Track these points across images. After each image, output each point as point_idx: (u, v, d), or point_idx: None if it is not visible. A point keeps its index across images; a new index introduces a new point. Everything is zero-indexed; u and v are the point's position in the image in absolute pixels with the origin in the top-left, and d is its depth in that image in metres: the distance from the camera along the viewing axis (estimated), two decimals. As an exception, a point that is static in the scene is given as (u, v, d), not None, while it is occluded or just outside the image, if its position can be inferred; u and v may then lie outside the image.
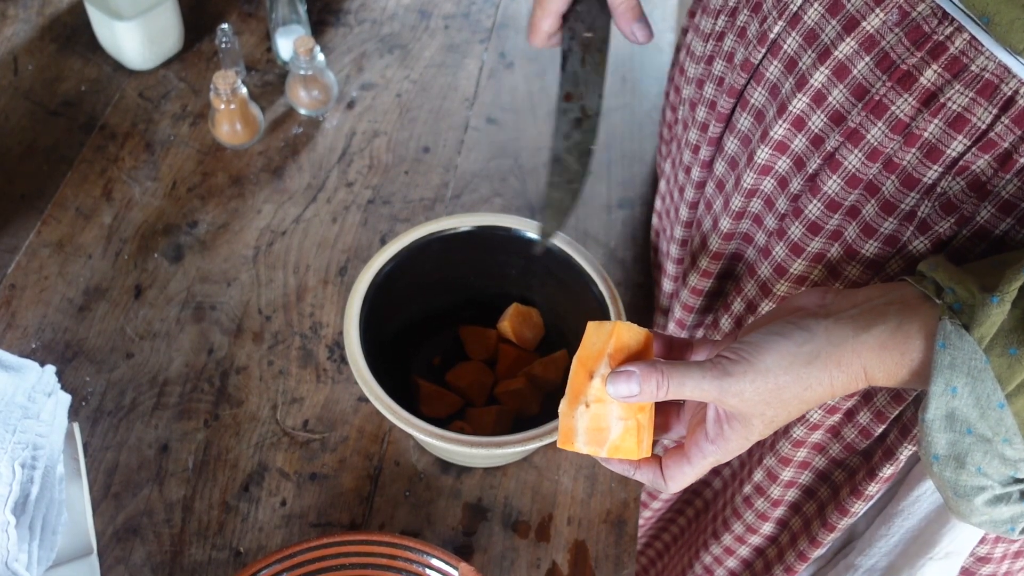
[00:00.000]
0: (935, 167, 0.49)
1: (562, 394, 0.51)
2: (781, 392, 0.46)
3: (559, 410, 0.51)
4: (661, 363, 0.48)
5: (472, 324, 0.76)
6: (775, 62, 0.56)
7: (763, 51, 0.57)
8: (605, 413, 0.49)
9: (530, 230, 0.71)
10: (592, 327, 0.51)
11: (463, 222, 0.71)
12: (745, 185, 0.61)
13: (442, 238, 0.71)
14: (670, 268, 0.75)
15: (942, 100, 0.47)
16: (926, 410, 0.44)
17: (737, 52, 0.60)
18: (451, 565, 0.60)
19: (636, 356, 0.50)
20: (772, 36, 0.56)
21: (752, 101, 0.59)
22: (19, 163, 0.87)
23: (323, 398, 0.74)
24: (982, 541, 0.63)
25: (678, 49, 0.74)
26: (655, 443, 0.52)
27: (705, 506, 0.81)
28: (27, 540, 0.58)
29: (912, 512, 0.64)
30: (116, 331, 0.76)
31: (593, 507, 0.69)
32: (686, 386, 0.47)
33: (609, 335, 0.49)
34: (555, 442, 0.70)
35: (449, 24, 1.03)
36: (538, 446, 0.62)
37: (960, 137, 0.47)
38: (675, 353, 0.54)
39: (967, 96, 0.46)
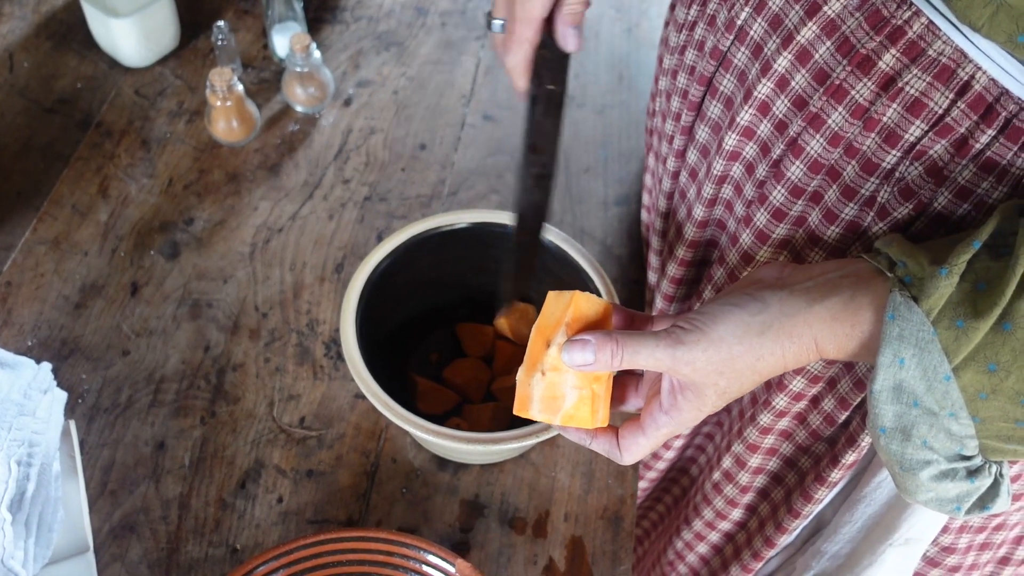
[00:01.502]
0: (893, 152, 0.49)
1: None
2: (734, 362, 0.46)
3: (517, 378, 0.51)
4: (617, 333, 0.48)
5: (469, 321, 0.76)
6: (742, 48, 0.57)
7: (731, 38, 0.57)
8: (560, 382, 0.49)
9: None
10: (552, 296, 0.51)
11: (460, 219, 0.71)
12: (716, 172, 0.61)
13: (439, 235, 0.71)
14: (653, 259, 0.75)
15: (900, 84, 0.48)
16: (874, 381, 0.45)
17: (707, 40, 0.61)
18: (448, 562, 0.60)
19: (594, 326, 0.50)
20: (739, 22, 0.56)
21: (721, 88, 0.60)
22: (15, 160, 0.87)
23: (320, 395, 0.74)
24: (945, 530, 0.64)
25: (661, 43, 0.74)
26: (613, 415, 0.52)
27: (682, 492, 0.83)
28: (23, 537, 0.58)
29: (874, 498, 0.65)
30: (112, 328, 0.76)
31: (590, 503, 0.69)
32: (640, 355, 0.47)
33: (567, 305, 0.49)
34: (552, 439, 0.70)
35: (446, 21, 1.03)
36: (535, 442, 0.62)
37: (918, 122, 0.48)
38: (636, 326, 0.53)
39: (924, 80, 0.47)
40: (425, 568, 0.61)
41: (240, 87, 0.85)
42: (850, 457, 0.61)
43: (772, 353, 0.46)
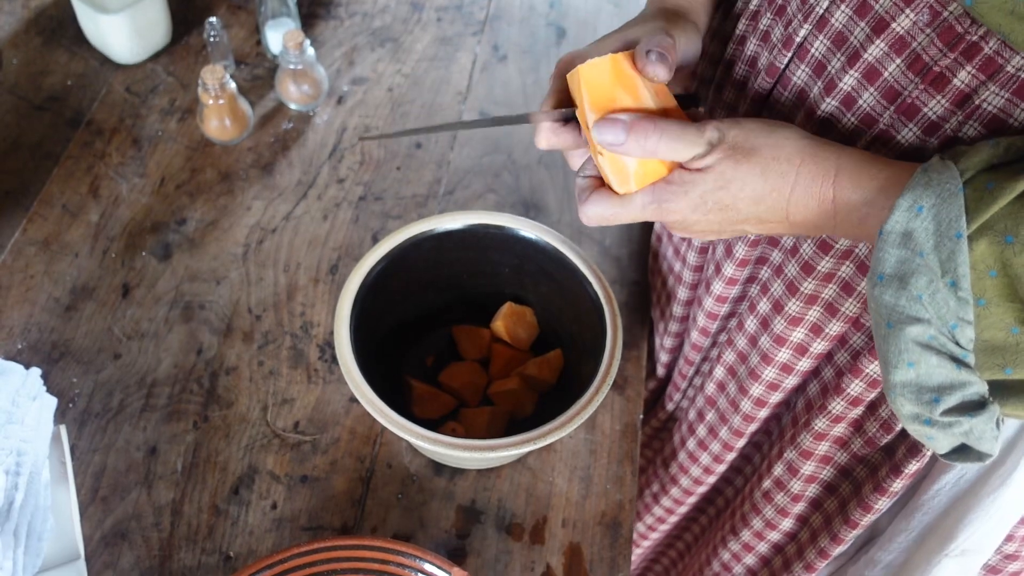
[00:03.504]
0: None
1: (557, 396, 0.50)
2: (750, 156, 0.49)
3: (595, 163, 0.54)
4: (658, 120, 0.50)
5: (465, 323, 0.75)
6: (802, 66, 0.55)
7: (789, 55, 0.55)
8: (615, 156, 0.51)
9: (524, 228, 0.70)
10: (569, 78, 0.53)
11: (456, 220, 0.70)
12: None
13: (435, 236, 0.70)
14: (687, 276, 0.73)
15: (976, 102, 0.46)
16: (886, 222, 0.44)
17: (760, 56, 0.59)
18: (445, 570, 0.59)
19: (621, 85, 0.52)
20: (798, 39, 0.54)
21: (779, 106, 0.58)
22: (4, 159, 0.85)
23: (314, 399, 0.73)
24: (1010, 539, 0.63)
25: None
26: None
27: (726, 504, 0.81)
28: (11, 547, 0.57)
29: (931, 507, 0.63)
30: (103, 331, 0.75)
31: (588, 509, 0.68)
32: (679, 150, 0.50)
33: (577, 85, 0.52)
34: (549, 444, 0.69)
35: (441, 17, 1.02)
36: (531, 449, 0.61)
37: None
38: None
39: (1003, 97, 0.46)
40: (421, 577, 0.60)
41: (233, 85, 0.84)
42: (913, 466, 0.60)
43: (790, 163, 0.48)
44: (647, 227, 0.85)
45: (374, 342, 0.68)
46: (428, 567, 0.60)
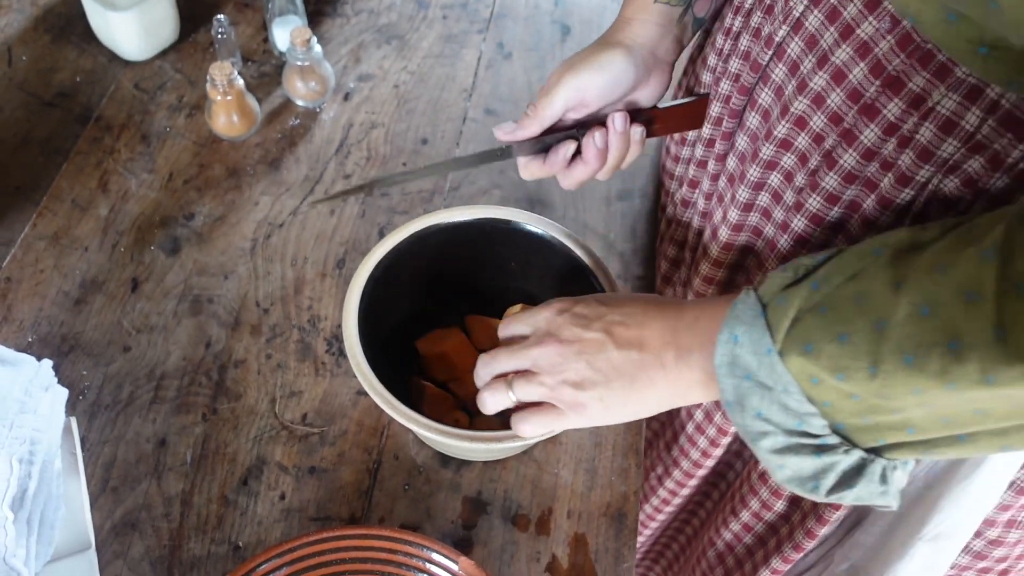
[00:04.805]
0: (927, 167, 0.51)
1: None
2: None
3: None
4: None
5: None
6: (780, 64, 0.58)
7: (770, 53, 0.59)
8: None
9: (530, 223, 0.71)
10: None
11: (463, 214, 0.71)
12: (752, 179, 0.62)
13: (441, 230, 0.71)
14: (673, 252, 0.78)
15: (930, 104, 0.49)
16: (715, 356, 0.49)
17: (752, 51, 0.62)
18: (451, 559, 0.60)
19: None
20: (777, 39, 0.58)
21: (760, 101, 0.61)
22: (14, 155, 0.86)
23: (322, 391, 0.73)
24: (992, 524, 0.64)
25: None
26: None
27: (727, 488, 0.83)
28: (25, 535, 0.58)
29: (907, 492, 0.65)
30: (113, 324, 0.76)
31: (593, 500, 0.69)
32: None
33: None
34: (555, 437, 0.70)
35: (447, 14, 1.03)
36: (537, 440, 0.62)
37: (950, 139, 0.49)
38: None
39: (954, 101, 0.48)
40: (429, 566, 0.61)
41: (240, 81, 0.85)
42: None
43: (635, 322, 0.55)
44: (652, 223, 0.86)
45: (381, 335, 0.69)
46: (435, 556, 0.60)
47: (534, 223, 0.71)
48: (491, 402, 0.60)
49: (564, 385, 0.56)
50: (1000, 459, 0.59)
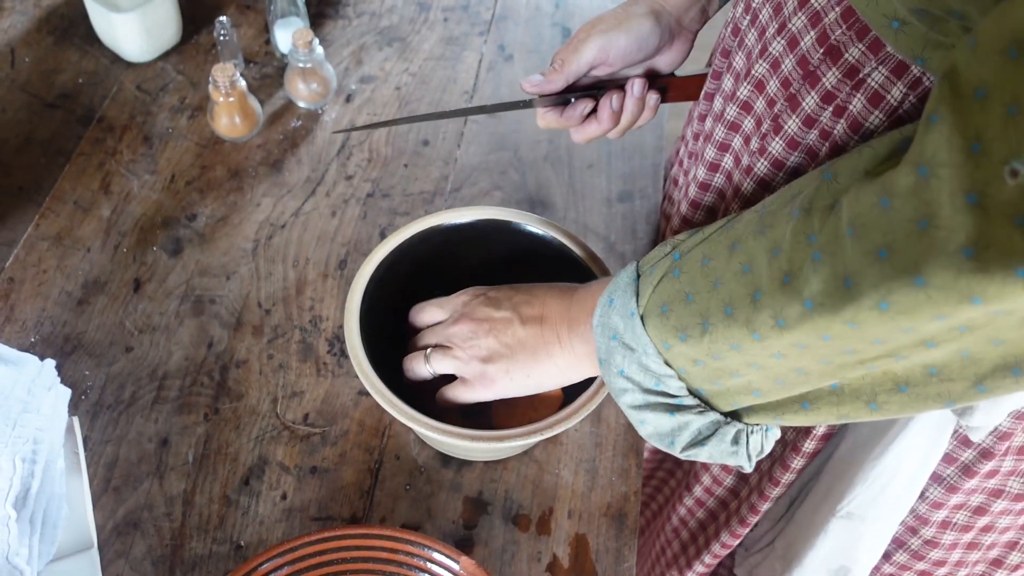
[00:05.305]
0: (855, 137, 0.52)
1: (563, 388, 0.52)
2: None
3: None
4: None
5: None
6: (752, 30, 0.60)
7: (747, 19, 0.61)
8: None
9: (531, 224, 0.71)
10: None
11: (464, 215, 0.71)
12: (717, 139, 0.65)
13: (442, 231, 0.71)
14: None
15: (862, 76, 0.50)
16: (593, 317, 0.55)
17: (736, 16, 0.64)
18: (452, 559, 0.60)
19: None
20: (754, 5, 0.60)
21: (735, 65, 0.63)
22: (16, 156, 0.86)
23: (323, 392, 0.73)
24: (925, 522, 0.66)
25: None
26: None
27: (690, 465, 0.85)
28: (28, 534, 0.58)
29: (831, 468, 0.68)
30: (115, 325, 0.76)
31: (594, 500, 0.69)
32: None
33: None
34: (555, 437, 0.70)
35: (448, 16, 1.03)
36: (538, 440, 0.62)
37: (877, 112, 0.50)
38: None
39: (882, 74, 0.49)
40: (429, 565, 0.61)
41: (242, 83, 0.85)
42: (820, 429, 0.65)
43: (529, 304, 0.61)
44: (652, 224, 0.86)
45: (382, 335, 0.69)
46: (437, 556, 0.61)
47: (535, 224, 0.71)
48: (410, 369, 0.66)
49: (474, 359, 0.62)
50: (909, 441, 0.61)
